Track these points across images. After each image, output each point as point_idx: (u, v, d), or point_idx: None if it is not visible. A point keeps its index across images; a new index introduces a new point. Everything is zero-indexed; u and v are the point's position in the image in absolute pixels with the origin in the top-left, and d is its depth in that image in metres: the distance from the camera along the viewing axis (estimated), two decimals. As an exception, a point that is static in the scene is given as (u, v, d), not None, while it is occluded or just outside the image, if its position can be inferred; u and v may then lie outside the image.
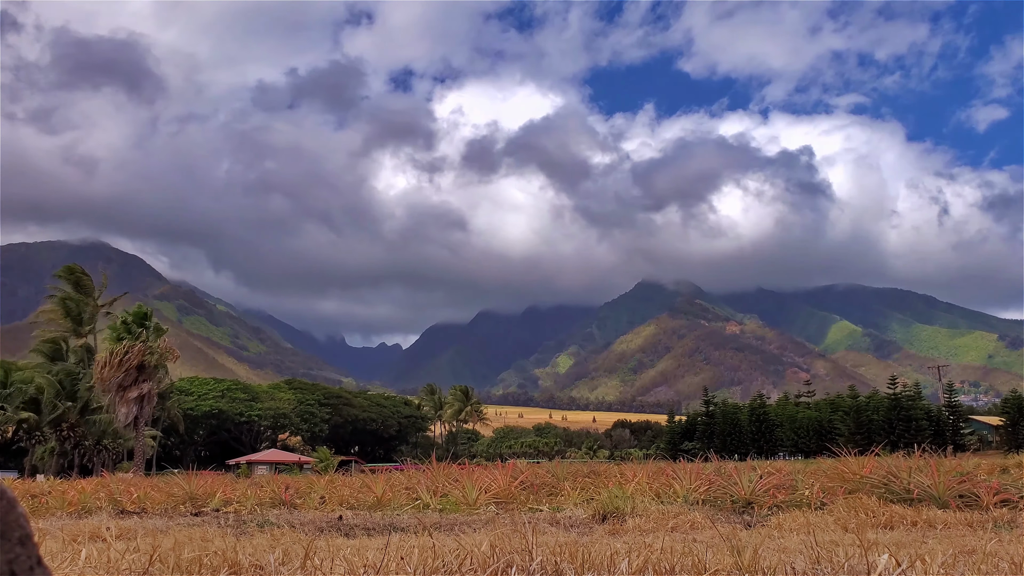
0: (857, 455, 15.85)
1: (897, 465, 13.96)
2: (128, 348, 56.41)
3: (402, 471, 23.25)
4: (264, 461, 77.02)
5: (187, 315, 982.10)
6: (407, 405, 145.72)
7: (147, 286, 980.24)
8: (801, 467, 21.73)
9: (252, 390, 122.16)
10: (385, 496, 15.83)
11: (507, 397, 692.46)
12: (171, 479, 22.43)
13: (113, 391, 56.61)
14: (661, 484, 15.32)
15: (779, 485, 14.09)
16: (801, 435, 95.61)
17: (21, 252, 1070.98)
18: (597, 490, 15.06)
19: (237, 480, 26.78)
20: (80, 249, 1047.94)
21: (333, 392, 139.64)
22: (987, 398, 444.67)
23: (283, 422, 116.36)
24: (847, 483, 13.83)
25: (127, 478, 33.86)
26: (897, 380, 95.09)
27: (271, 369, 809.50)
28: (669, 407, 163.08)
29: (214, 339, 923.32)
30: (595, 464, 30.41)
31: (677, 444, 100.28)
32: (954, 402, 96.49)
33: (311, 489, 18.39)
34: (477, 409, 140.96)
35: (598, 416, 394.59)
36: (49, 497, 19.31)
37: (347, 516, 13.20)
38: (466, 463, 21.40)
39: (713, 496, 14.22)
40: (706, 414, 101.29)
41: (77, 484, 23.75)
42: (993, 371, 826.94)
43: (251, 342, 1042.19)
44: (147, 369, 57.71)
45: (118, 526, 11.18)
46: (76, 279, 75.16)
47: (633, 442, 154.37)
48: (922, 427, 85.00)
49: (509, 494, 15.10)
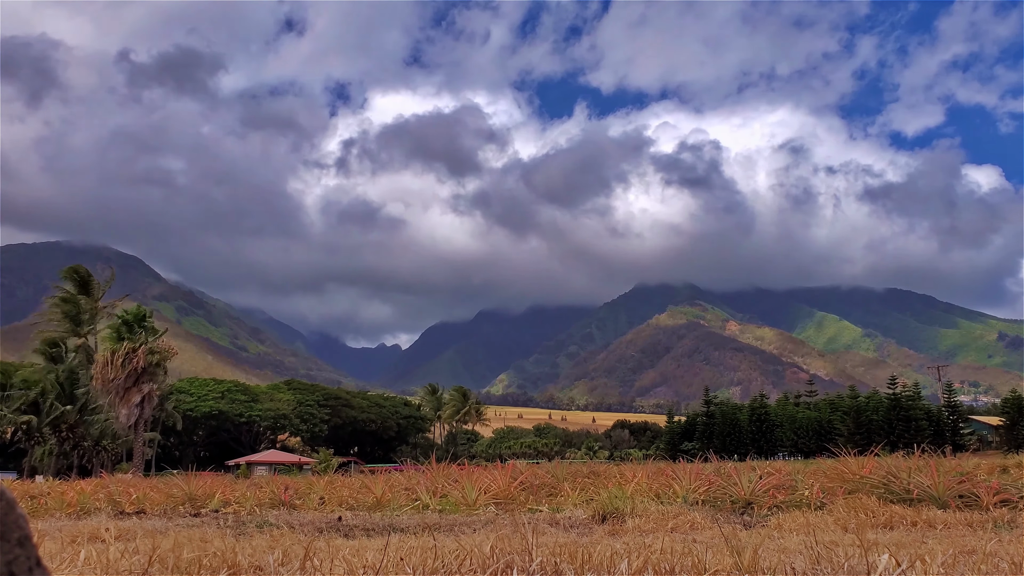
0: (857, 455, 15.85)
1: (897, 465, 13.96)
2: (130, 349, 56.34)
3: (401, 472, 23.23)
4: (263, 462, 76.95)
5: (186, 316, 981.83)
6: (407, 406, 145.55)
7: (146, 287, 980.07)
8: (801, 467, 21.73)
9: (251, 391, 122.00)
10: (384, 497, 15.82)
11: (507, 397, 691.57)
12: (170, 480, 22.41)
13: (114, 393, 56.54)
14: (661, 484, 15.31)
15: (779, 485, 14.08)
16: (801, 435, 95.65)
17: (20, 253, 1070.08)
18: (597, 491, 15.05)
19: (236, 481, 26.75)
20: (79, 250, 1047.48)
21: (332, 393, 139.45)
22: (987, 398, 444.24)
23: (282, 423, 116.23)
24: (847, 483, 13.83)
25: (126, 479, 33.84)
26: (897, 380, 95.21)
27: (270, 370, 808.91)
28: (669, 407, 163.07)
29: (213, 340, 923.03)
30: (595, 464, 30.38)
31: (677, 444, 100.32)
32: (954, 402, 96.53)
33: (310, 490, 18.37)
34: (477, 409, 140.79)
35: (598, 416, 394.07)
36: (48, 498, 19.29)
37: (346, 517, 13.19)
38: (465, 464, 21.38)
39: (713, 496, 14.21)
40: (706, 414, 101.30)
41: (76, 485, 23.71)
42: (993, 371, 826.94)
43: (250, 343, 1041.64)
44: (149, 370, 57.66)
45: (117, 527, 11.16)
46: (80, 279, 75.22)
47: (633, 442, 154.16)
48: (922, 427, 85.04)
49: (509, 495, 15.09)
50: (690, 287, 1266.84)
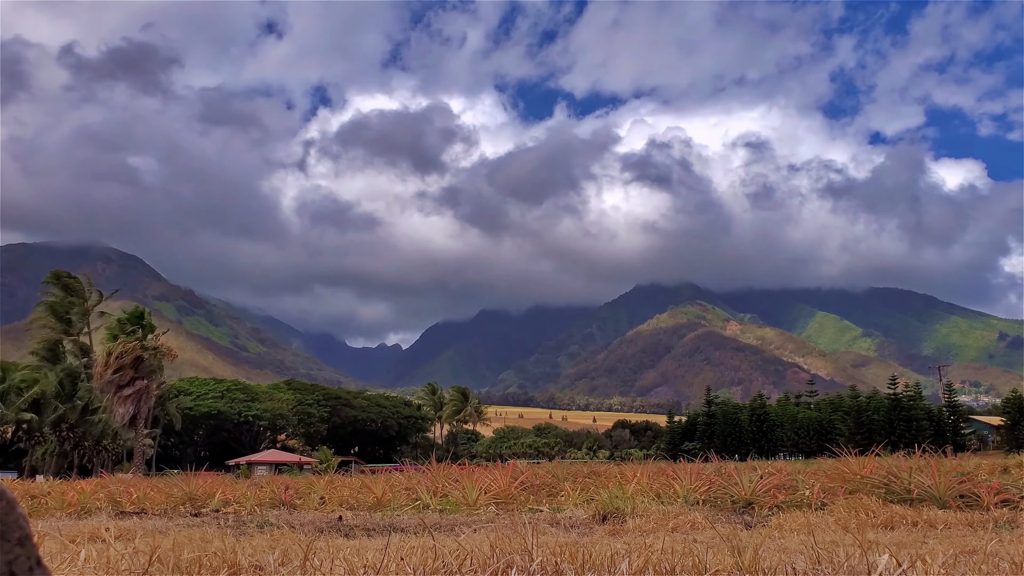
0: (857, 455, 15.83)
1: (897, 465, 13.95)
2: (125, 349, 56.51)
3: (402, 471, 23.21)
4: (264, 462, 76.94)
5: (187, 315, 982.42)
6: (407, 405, 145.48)
7: (146, 286, 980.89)
8: (801, 467, 21.73)
9: (251, 390, 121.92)
10: (385, 496, 15.81)
11: (507, 397, 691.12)
12: (170, 480, 22.43)
13: (111, 392, 56.69)
14: (661, 484, 15.31)
15: (779, 485, 14.08)
16: (802, 435, 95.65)
17: (20, 253, 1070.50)
18: (597, 491, 15.04)
19: (237, 481, 26.76)
20: (79, 250, 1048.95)
21: (333, 392, 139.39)
22: (987, 398, 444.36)
23: (282, 423, 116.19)
24: (847, 483, 13.82)
25: (126, 479, 33.84)
26: (898, 380, 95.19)
27: (270, 370, 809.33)
28: (669, 407, 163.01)
29: (213, 339, 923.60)
30: (595, 464, 30.36)
31: (677, 444, 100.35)
32: (954, 402, 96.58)
33: (311, 490, 18.37)
34: (477, 409, 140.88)
35: (598, 416, 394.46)
36: (48, 498, 19.30)
37: (347, 517, 13.19)
38: (466, 463, 21.39)
39: (713, 496, 14.21)
40: (707, 414, 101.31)
41: (76, 485, 23.72)
42: (993, 371, 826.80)
43: (250, 343, 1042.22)
44: (143, 367, 57.75)
45: (117, 527, 11.16)
46: (64, 283, 75.67)
47: (633, 442, 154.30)
48: (922, 427, 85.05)
49: (509, 495, 15.09)
50: (690, 287, 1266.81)
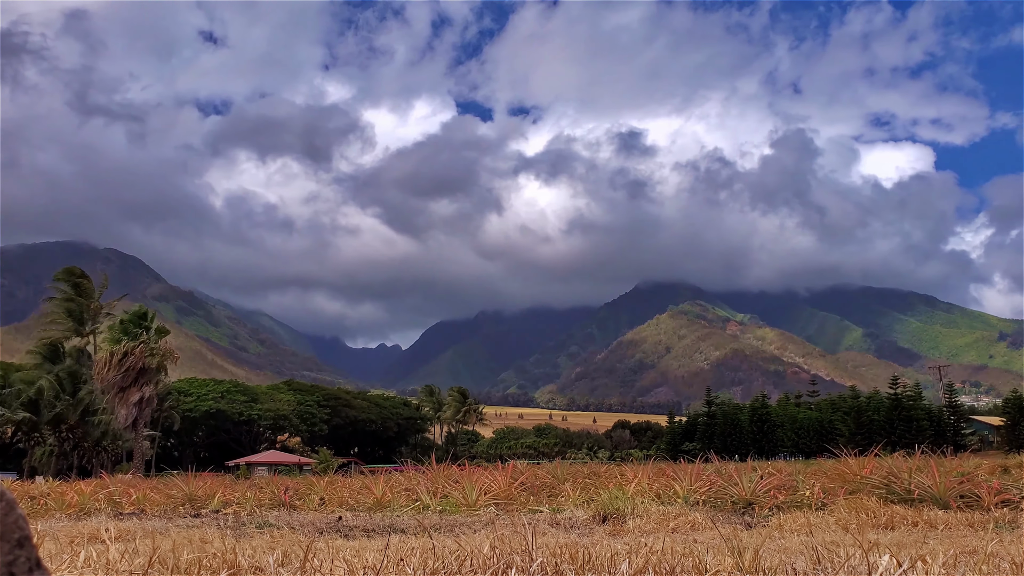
0: (858, 455, 15.84)
1: (898, 465, 13.94)
2: (128, 349, 56.37)
3: (402, 472, 23.20)
4: (263, 462, 76.94)
5: (186, 316, 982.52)
6: (407, 406, 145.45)
7: (146, 287, 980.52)
8: (802, 468, 21.73)
9: (251, 391, 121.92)
10: (385, 497, 15.80)
11: (507, 398, 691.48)
12: (170, 480, 22.40)
13: (112, 392, 56.57)
14: (661, 485, 15.30)
15: (780, 486, 14.07)
16: (802, 435, 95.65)
17: (20, 253, 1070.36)
18: (597, 491, 15.03)
19: (236, 481, 26.76)
20: (79, 250, 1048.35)
21: (332, 393, 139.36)
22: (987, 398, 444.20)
23: (282, 423, 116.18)
24: (848, 484, 13.82)
25: (126, 479, 33.81)
26: (898, 380, 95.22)
27: (270, 370, 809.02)
28: (669, 408, 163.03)
29: (213, 340, 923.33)
30: (595, 465, 30.34)
31: (677, 445, 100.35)
32: (955, 402, 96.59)
33: (310, 490, 18.36)
34: (476, 410, 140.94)
35: (598, 417, 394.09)
36: (48, 499, 19.28)
37: (347, 517, 13.18)
38: (466, 464, 21.39)
39: (714, 497, 14.20)
40: (707, 414, 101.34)
41: (76, 486, 23.70)
42: (993, 371, 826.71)
43: (250, 343, 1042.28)
44: (148, 371, 57.65)
45: (117, 528, 11.15)
46: (75, 281, 75.21)
47: (633, 443, 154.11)
48: (923, 427, 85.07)
49: (509, 495, 15.08)
50: (691, 287, 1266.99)
